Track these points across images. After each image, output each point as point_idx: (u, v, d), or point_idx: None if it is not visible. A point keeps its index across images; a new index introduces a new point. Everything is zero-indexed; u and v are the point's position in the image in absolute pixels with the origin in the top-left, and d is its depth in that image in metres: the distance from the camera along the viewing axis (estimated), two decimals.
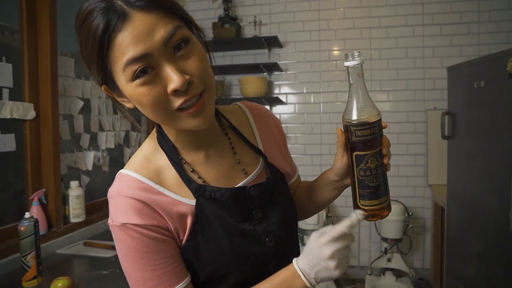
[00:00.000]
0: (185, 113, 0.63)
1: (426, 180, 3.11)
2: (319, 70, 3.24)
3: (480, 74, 2.16)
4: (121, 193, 0.67)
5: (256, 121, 0.87)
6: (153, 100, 0.60)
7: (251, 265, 0.73)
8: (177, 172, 0.71)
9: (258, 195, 0.75)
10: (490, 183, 2.11)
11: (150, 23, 0.58)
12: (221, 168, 0.76)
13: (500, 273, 2.01)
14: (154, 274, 0.67)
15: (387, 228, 2.87)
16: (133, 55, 0.57)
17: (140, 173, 0.70)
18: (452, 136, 2.46)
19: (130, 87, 0.61)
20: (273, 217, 0.77)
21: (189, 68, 0.61)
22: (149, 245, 0.66)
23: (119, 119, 2.52)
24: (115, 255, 1.72)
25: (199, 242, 0.69)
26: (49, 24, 1.84)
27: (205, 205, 0.70)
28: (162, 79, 0.60)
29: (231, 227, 0.71)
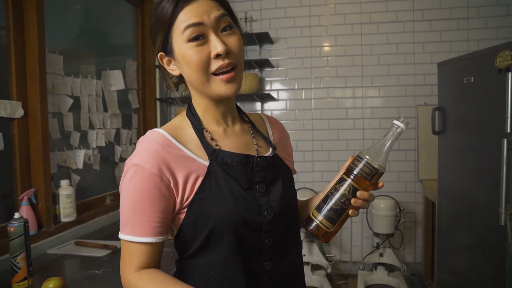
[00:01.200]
0: (219, 78, 0.78)
1: (417, 175, 3.14)
2: (310, 66, 3.24)
3: (470, 70, 2.17)
4: (146, 140, 0.79)
5: (272, 128, 1.01)
6: (199, 60, 0.76)
7: (247, 230, 0.79)
8: (197, 136, 0.83)
9: (263, 168, 0.85)
10: (479, 177, 2.13)
11: (209, 6, 0.77)
12: (238, 143, 0.87)
13: (489, 266, 2.04)
14: (136, 216, 0.76)
15: (379, 223, 2.90)
16: (193, 21, 0.76)
17: (166, 131, 0.81)
18: (443, 131, 2.49)
19: (184, 47, 0.77)
20: (274, 195, 0.84)
21: (230, 43, 0.78)
22: (145, 191, 0.75)
23: (109, 116, 2.49)
24: (107, 255, 1.70)
25: (206, 197, 0.78)
26: (37, 20, 1.80)
27: (216, 167, 0.80)
28: (209, 46, 0.77)
29: (236, 190, 0.79)
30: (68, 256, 1.74)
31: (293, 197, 0.91)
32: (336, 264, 3.27)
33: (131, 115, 2.86)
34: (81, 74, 2.24)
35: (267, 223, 0.81)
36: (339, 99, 3.23)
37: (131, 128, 2.82)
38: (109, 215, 2.36)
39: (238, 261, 0.78)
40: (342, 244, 3.28)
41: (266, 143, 0.93)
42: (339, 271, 3.27)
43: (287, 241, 0.86)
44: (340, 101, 3.22)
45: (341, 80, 3.21)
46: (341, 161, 3.21)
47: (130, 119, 2.84)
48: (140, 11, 3.00)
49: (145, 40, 3.03)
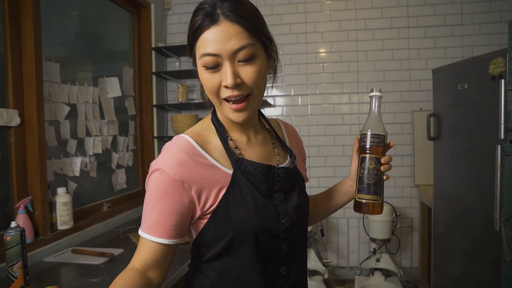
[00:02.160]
0: (228, 106, 0.81)
1: (413, 181, 3.15)
2: (306, 72, 3.26)
3: (464, 76, 2.20)
4: (173, 146, 0.81)
5: (288, 134, 1.05)
6: (210, 86, 0.80)
7: (266, 237, 0.83)
8: (222, 144, 0.86)
9: (283, 178, 0.88)
10: (475, 182, 2.15)
11: (230, 32, 0.76)
12: (261, 153, 0.91)
13: (485, 270, 2.05)
14: (155, 217, 0.79)
15: (376, 228, 2.90)
16: (209, 52, 0.76)
17: (192, 138, 0.84)
18: (438, 137, 2.51)
19: (201, 70, 0.81)
20: (291, 203, 0.88)
21: (243, 75, 0.78)
22: (166, 194, 0.78)
23: (106, 123, 2.50)
24: (104, 262, 1.70)
25: (230, 204, 0.81)
26: (33, 28, 1.81)
27: (239, 176, 0.83)
28: (222, 74, 0.78)
29: (258, 198, 0.83)
30: (65, 264, 1.73)
31: (307, 205, 0.96)
32: (333, 269, 3.27)
33: (128, 121, 2.86)
34: (77, 82, 2.24)
35: (284, 230, 0.85)
36: (335, 105, 3.24)
37: (128, 135, 2.82)
38: (106, 222, 2.36)
39: (257, 266, 0.82)
40: (339, 250, 3.29)
41: (285, 151, 0.98)
42: (336, 277, 3.28)
43: (300, 247, 0.93)
44: (336, 107, 3.24)
45: (337, 86, 3.23)
46: (337, 167, 3.22)
47: (127, 125, 2.84)
48: (136, 18, 3.02)
49: (142, 47, 3.04)
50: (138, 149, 3.00)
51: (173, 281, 1.55)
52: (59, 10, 2.22)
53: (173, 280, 1.56)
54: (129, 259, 0.83)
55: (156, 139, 3.14)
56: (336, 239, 3.28)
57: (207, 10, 0.77)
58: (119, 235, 2.18)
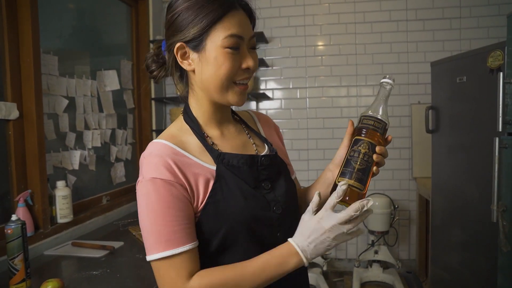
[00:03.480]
0: (238, 87, 0.83)
1: (411, 173, 3.17)
2: (305, 65, 3.26)
3: (462, 70, 2.20)
4: (153, 153, 0.79)
5: (262, 123, 1.04)
6: (231, 66, 0.80)
7: (261, 227, 0.82)
8: (200, 142, 0.85)
9: (267, 166, 0.88)
10: (472, 175, 2.16)
11: (247, 21, 0.83)
12: (236, 144, 0.90)
13: (482, 261, 2.08)
14: (168, 229, 0.74)
15: (374, 221, 2.92)
16: (237, 33, 0.79)
17: (169, 141, 0.82)
18: (436, 130, 2.51)
19: (220, 50, 0.79)
20: (279, 190, 0.88)
21: (255, 60, 0.84)
22: (170, 201, 0.75)
23: (105, 117, 2.49)
24: (105, 255, 1.71)
25: (219, 199, 0.79)
26: (31, 21, 1.80)
27: (224, 170, 0.82)
28: (241, 57, 0.81)
29: (245, 190, 0.82)
30: (66, 257, 1.74)
31: (295, 190, 0.95)
32: (332, 261, 3.30)
33: (127, 115, 2.85)
34: (76, 75, 2.23)
35: (277, 218, 0.85)
36: (333, 98, 3.25)
37: (127, 128, 2.82)
38: (106, 215, 2.36)
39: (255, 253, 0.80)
40: None
41: (261, 141, 0.97)
42: (335, 269, 3.30)
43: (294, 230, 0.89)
44: (335, 100, 3.24)
45: (335, 79, 3.23)
46: None
47: (126, 119, 2.83)
48: (134, 11, 3.00)
49: (140, 40, 3.03)
50: (137, 142, 3.00)
51: None
52: (57, 3, 2.21)
53: None
54: (130, 251, 0.82)
55: (154, 132, 3.13)
56: None
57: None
58: (119, 228, 2.19)
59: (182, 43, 0.81)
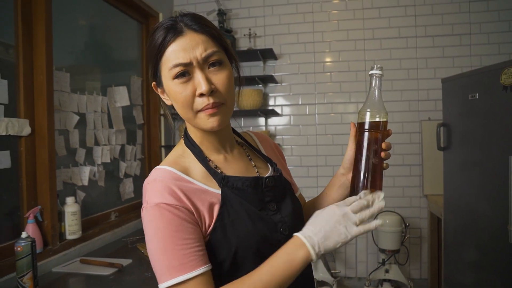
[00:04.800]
0: (204, 113, 0.78)
1: (421, 190, 3.13)
2: (314, 82, 3.26)
3: (475, 86, 2.18)
4: (157, 179, 0.78)
5: (262, 143, 1.03)
6: (184, 98, 0.77)
7: (269, 250, 0.78)
8: (204, 166, 0.84)
9: (272, 187, 0.87)
10: (485, 193, 2.12)
11: (196, 41, 0.77)
12: (239, 168, 0.89)
13: (497, 282, 2.02)
14: (180, 253, 0.72)
15: (385, 239, 2.87)
16: (180, 62, 0.76)
17: (172, 167, 0.81)
18: (448, 147, 2.48)
19: (170, 84, 0.78)
20: (285, 211, 0.87)
21: (216, 81, 0.78)
22: (178, 225, 0.73)
23: (114, 132, 2.50)
24: (113, 273, 1.69)
25: (226, 224, 0.78)
26: (45, 38, 1.82)
27: (229, 193, 0.81)
28: (194, 84, 0.77)
29: (252, 212, 0.81)
30: (74, 274, 1.72)
31: (300, 209, 0.95)
32: (341, 280, 3.23)
33: (136, 130, 2.86)
34: (86, 91, 2.25)
35: (284, 239, 0.81)
36: (342, 114, 3.23)
37: (136, 144, 2.82)
38: (114, 231, 2.35)
39: None
40: (347, 260, 3.25)
41: (264, 162, 0.96)
42: (344, 287, 3.24)
43: None
44: (344, 116, 3.23)
45: (344, 95, 3.23)
46: None
47: (135, 134, 2.84)
48: (145, 28, 3.04)
49: None
50: (146, 158, 3.00)
51: None
52: (69, 20, 2.24)
53: None
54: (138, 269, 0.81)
55: (163, 148, 3.14)
56: (344, 250, 3.25)
57: (168, 24, 0.78)
58: (127, 244, 2.17)
59: (154, 82, 0.85)
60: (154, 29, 0.80)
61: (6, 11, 1.75)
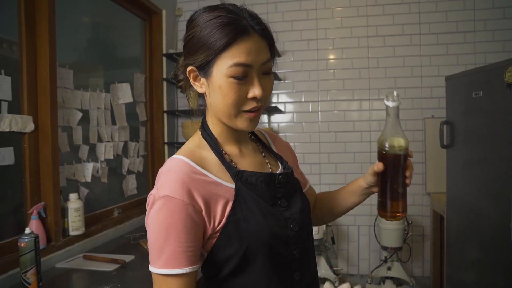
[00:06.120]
0: (247, 115, 0.81)
1: (424, 188, 3.12)
2: (317, 79, 3.25)
3: (478, 84, 2.17)
4: (171, 169, 0.78)
5: (273, 141, 1.05)
6: (236, 97, 0.78)
7: (279, 245, 0.82)
8: (219, 159, 0.84)
9: (284, 184, 0.88)
10: (488, 191, 2.11)
11: (260, 45, 0.79)
12: (253, 163, 0.90)
13: (499, 281, 2.01)
14: (169, 249, 0.74)
15: (387, 236, 2.87)
16: (243, 62, 0.77)
17: (188, 158, 0.81)
18: (451, 144, 2.48)
19: (224, 79, 0.77)
20: (295, 208, 0.88)
21: (266, 88, 0.82)
22: (176, 222, 0.74)
23: (117, 129, 2.51)
24: (116, 269, 1.70)
25: (239, 218, 0.79)
26: (48, 35, 1.83)
27: (242, 188, 0.81)
28: (248, 85, 0.79)
29: (264, 209, 0.82)
30: (77, 270, 1.73)
31: (309, 208, 0.96)
32: (344, 277, 3.24)
33: (139, 127, 2.87)
34: (90, 88, 2.26)
35: (294, 235, 0.85)
36: (346, 111, 3.23)
37: (139, 140, 2.83)
38: (117, 228, 2.36)
39: (273, 276, 0.82)
40: (349, 258, 3.26)
41: (275, 159, 0.97)
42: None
43: (310, 250, 0.92)
44: (347, 114, 3.22)
45: (348, 92, 3.22)
46: (348, 174, 3.19)
47: (138, 131, 2.85)
48: (148, 25, 3.04)
49: (153, 53, 3.06)
50: (149, 155, 3.01)
51: None
52: (72, 16, 2.24)
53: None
54: (141, 266, 0.82)
55: (166, 145, 3.14)
56: (347, 247, 3.25)
57: (234, 20, 0.77)
58: (130, 241, 2.19)
59: (192, 67, 0.83)
60: (215, 15, 0.78)
61: (10, 8, 1.76)
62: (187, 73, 0.84)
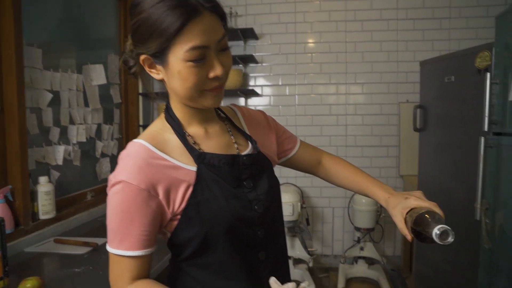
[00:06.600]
0: (210, 93, 0.79)
1: (398, 171, 3.19)
2: (295, 62, 3.25)
3: (451, 69, 2.21)
4: (129, 155, 0.79)
5: (245, 119, 1.01)
6: (197, 80, 0.76)
7: (242, 227, 0.82)
8: (181, 141, 0.83)
9: (249, 165, 0.87)
10: (458, 174, 2.18)
11: (214, 22, 0.75)
12: (219, 144, 0.88)
13: (464, 258, 2.10)
14: (123, 231, 0.76)
15: (360, 218, 2.94)
16: (199, 44, 0.73)
17: (148, 142, 0.80)
18: (423, 128, 2.53)
19: (183, 65, 0.74)
20: (261, 189, 0.87)
21: (226, 63, 0.79)
22: (131, 206, 0.75)
23: (90, 111, 2.45)
24: (87, 252, 1.68)
25: (200, 201, 0.79)
26: (13, 11, 1.75)
27: (204, 170, 0.81)
28: (208, 66, 0.76)
29: (226, 191, 0.81)
30: (47, 254, 1.71)
31: (277, 187, 0.95)
32: (318, 258, 3.31)
33: (113, 110, 2.81)
34: (61, 68, 2.19)
35: (259, 217, 0.85)
36: (322, 95, 3.24)
37: (113, 123, 2.77)
38: (90, 211, 2.33)
39: (236, 257, 0.82)
40: (324, 239, 3.32)
41: (244, 138, 0.95)
42: (321, 265, 3.32)
43: (276, 230, 0.92)
44: (324, 98, 3.24)
45: (325, 76, 3.23)
46: None
47: (112, 113, 2.79)
48: (123, 4, 2.95)
49: (128, 34, 2.98)
50: (123, 137, 2.96)
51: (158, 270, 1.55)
52: None
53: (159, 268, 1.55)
54: None
55: (141, 127, 3.10)
56: (321, 228, 3.31)
57: (182, 1, 0.72)
58: (103, 224, 2.16)
59: (146, 56, 0.78)
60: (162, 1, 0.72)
61: None
62: (140, 62, 0.81)
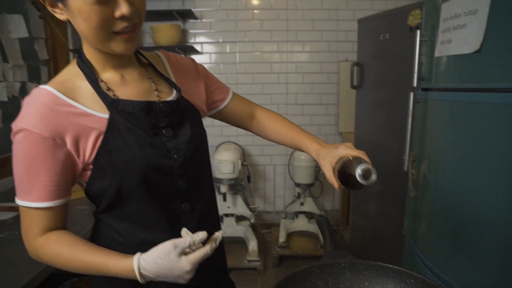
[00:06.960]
0: (120, 37, 0.73)
1: (337, 129, 3.30)
2: (235, 19, 3.16)
3: (386, 27, 2.26)
4: (31, 101, 0.73)
5: (171, 65, 0.95)
6: (100, 20, 0.69)
7: (160, 176, 0.80)
8: (93, 88, 0.78)
9: (168, 113, 0.83)
10: (391, 129, 2.29)
11: None
12: (137, 90, 0.83)
13: (395, 209, 2.26)
14: (28, 182, 0.73)
15: (300, 174, 3.03)
16: None
17: (55, 88, 0.75)
18: (360, 86, 2.60)
19: (82, 2, 0.67)
20: (182, 138, 0.84)
21: (136, 2, 0.72)
22: (34, 155, 0.71)
23: (11, 68, 2.23)
24: (12, 217, 1.58)
25: (111, 149, 0.75)
26: None
27: (117, 118, 0.76)
28: (113, 4, 0.69)
29: (141, 139, 0.78)
30: None
31: (202, 137, 0.92)
32: (260, 214, 3.41)
33: (40, 67, 2.58)
34: None
35: (178, 166, 0.82)
36: (264, 53, 3.21)
37: (40, 81, 2.56)
38: None
39: (156, 206, 0.80)
40: (266, 196, 3.41)
41: (168, 86, 0.89)
42: (263, 221, 3.42)
43: (202, 181, 0.90)
44: (265, 56, 3.21)
45: (266, 34, 3.18)
46: None
47: (39, 71, 2.57)
48: None
49: None
50: None
51: None
52: None
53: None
54: None
55: None
56: (263, 186, 3.39)
57: None
58: None
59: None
60: None
61: None
62: (40, 0, 0.73)
